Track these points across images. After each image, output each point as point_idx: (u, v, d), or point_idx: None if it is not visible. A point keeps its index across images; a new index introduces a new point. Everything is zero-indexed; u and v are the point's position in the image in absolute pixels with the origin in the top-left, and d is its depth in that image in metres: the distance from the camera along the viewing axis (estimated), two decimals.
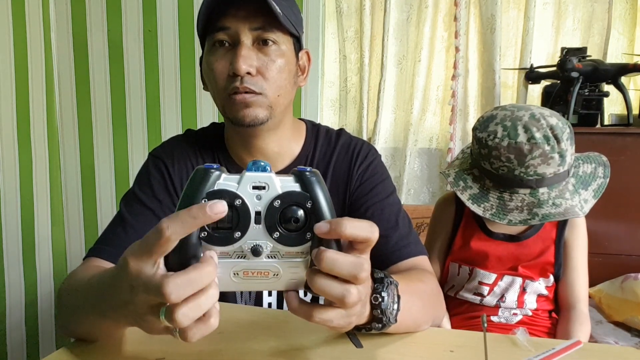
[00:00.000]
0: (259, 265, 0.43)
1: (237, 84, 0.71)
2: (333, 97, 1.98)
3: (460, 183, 1.03)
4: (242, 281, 0.43)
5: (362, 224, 0.42)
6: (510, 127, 0.95)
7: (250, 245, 0.42)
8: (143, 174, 0.82)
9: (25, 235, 1.86)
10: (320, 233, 0.41)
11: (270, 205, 0.41)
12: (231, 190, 0.41)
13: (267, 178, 0.42)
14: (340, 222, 0.41)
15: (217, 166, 0.42)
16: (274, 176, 0.42)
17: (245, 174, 0.42)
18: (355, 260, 0.42)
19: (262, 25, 0.71)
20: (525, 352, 0.58)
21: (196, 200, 0.40)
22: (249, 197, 0.41)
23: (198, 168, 0.42)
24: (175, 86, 1.95)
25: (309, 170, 0.43)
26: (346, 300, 0.42)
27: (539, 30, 1.76)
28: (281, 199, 0.42)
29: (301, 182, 0.42)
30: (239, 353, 0.57)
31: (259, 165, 0.42)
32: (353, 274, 0.41)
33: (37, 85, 1.90)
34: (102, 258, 0.71)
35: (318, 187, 0.42)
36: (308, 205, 0.42)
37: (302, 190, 0.42)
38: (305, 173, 0.42)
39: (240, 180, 0.41)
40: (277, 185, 0.42)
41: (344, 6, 1.90)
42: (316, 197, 0.42)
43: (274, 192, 0.42)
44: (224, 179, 0.41)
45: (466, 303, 1.07)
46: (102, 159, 2.05)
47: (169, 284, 0.38)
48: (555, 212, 0.93)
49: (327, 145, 0.85)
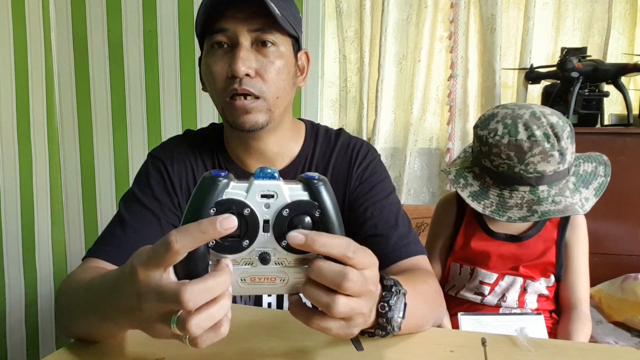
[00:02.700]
0: (266, 271, 0.43)
1: (235, 85, 0.71)
2: (333, 97, 1.98)
3: (461, 180, 1.03)
4: (249, 286, 0.43)
5: (338, 241, 0.41)
6: (510, 124, 0.95)
7: (259, 253, 0.42)
8: (142, 175, 0.82)
9: (25, 235, 1.86)
10: (293, 244, 0.40)
11: (279, 214, 0.41)
12: (240, 199, 0.41)
13: (276, 187, 0.41)
14: (315, 238, 0.40)
15: (225, 173, 0.41)
16: (283, 184, 0.42)
17: (253, 183, 0.41)
18: (339, 269, 0.41)
19: (260, 26, 0.71)
20: (525, 352, 0.58)
21: (204, 210, 0.40)
22: (258, 205, 0.41)
23: (205, 176, 0.41)
24: (175, 86, 1.95)
25: (317, 177, 0.42)
26: (332, 310, 0.42)
27: (539, 30, 1.76)
28: (290, 208, 0.41)
29: (309, 190, 0.42)
30: (239, 353, 0.57)
31: (266, 172, 0.42)
32: (336, 282, 0.41)
33: (37, 85, 1.90)
34: (102, 259, 0.71)
35: (326, 195, 0.42)
36: (316, 214, 0.42)
37: (310, 198, 0.42)
38: (313, 181, 0.42)
39: (248, 189, 0.41)
40: (286, 194, 0.41)
41: (343, 6, 1.90)
42: (324, 206, 0.42)
43: (282, 200, 0.41)
44: (232, 187, 0.41)
45: (467, 302, 1.07)
46: (102, 159, 2.05)
47: (186, 292, 0.38)
48: (555, 209, 0.93)
49: (327, 145, 0.85)
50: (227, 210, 0.40)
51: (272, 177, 0.42)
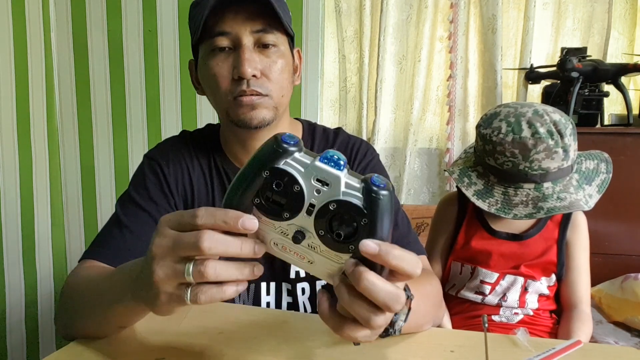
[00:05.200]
0: (297, 247, 0.42)
1: (243, 87, 0.71)
2: (333, 97, 1.98)
3: (465, 179, 1.03)
4: (279, 252, 0.43)
5: (410, 257, 0.40)
6: (514, 122, 0.95)
7: (294, 229, 0.41)
8: (138, 176, 0.81)
9: (25, 235, 1.86)
10: (366, 253, 0.39)
11: (326, 205, 0.39)
12: (294, 175, 0.39)
13: (334, 177, 0.39)
14: (389, 250, 0.39)
15: (295, 141, 0.40)
16: (343, 176, 0.39)
17: (315, 163, 0.40)
18: (393, 290, 0.39)
19: (263, 27, 0.71)
20: (525, 352, 0.58)
21: (259, 170, 0.40)
22: (309, 187, 0.40)
23: (276, 135, 0.40)
24: (175, 86, 1.95)
25: (381, 186, 0.39)
26: (371, 324, 0.40)
27: (539, 30, 1.76)
28: (338, 205, 0.39)
29: (366, 197, 0.39)
30: (239, 353, 0.57)
31: (332, 158, 0.40)
32: (388, 304, 0.39)
33: (37, 85, 1.90)
34: (99, 260, 0.71)
35: (381, 208, 0.39)
36: (362, 223, 0.39)
37: (364, 205, 0.39)
38: (373, 188, 0.39)
39: (307, 167, 0.40)
40: (341, 189, 0.39)
41: (343, 6, 1.89)
42: (375, 219, 0.39)
43: (334, 193, 0.39)
44: (293, 158, 0.40)
45: (467, 302, 1.07)
46: (102, 159, 2.05)
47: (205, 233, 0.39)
48: (561, 206, 0.94)
49: (325, 143, 0.85)
50: (278, 180, 0.40)
51: (336, 163, 0.39)
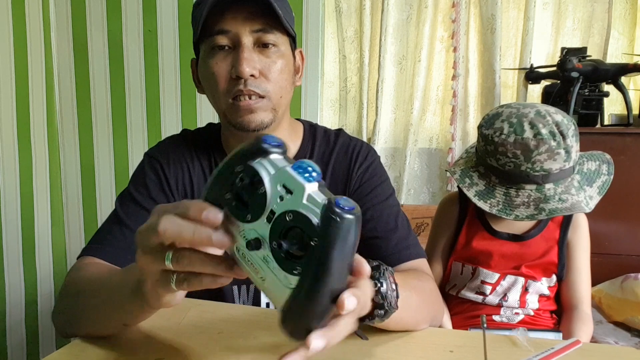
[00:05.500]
0: (253, 257, 0.39)
1: (240, 86, 0.71)
2: (333, 97, 1.98)
3: (467, 180, 1.03)
4: (240, 259, 0.40)
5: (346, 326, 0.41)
6: (516, 123, 0.95)
7: (253, 236, 0.38)
8: (138, 174, 0.81)
9: (25, 235, 1.86)
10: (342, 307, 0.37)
11: (283, 215, 0.37)
12: (262, 176, 0.37)
13: (299, 187, 0.36)
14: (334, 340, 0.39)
15: (277, 144, 0.38)
16: (308, 188, 0.36)
17: (285, 169, 0.37)
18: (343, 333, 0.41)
19: (262, 26, 0.71)
20: (525, 352, 0.58)
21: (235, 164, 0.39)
22: (274, 192, 0.37)
23: (258, 135, 0.39)
24: (175, 86, 1.95)
25: (347, 209, 0.35)
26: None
27: (539, 30, 1.76)
28: (294, 216, 0.36)
29: (323, 216, 0.35)
30: (239, 353, 0.57)
31: (304, 167, 0.37)
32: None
33: (37, 85, 1.90)
34: (98, 257, 0.71)
35: (339, 234, 0.35)
36: (312, 244, 0.35)
37: (318, 224, 0.35)
38: (332, 210, 0.35)
39: (278, 170, 0.37)
40: (302, 200, 0.36)
41: (343, 6, 1.89)
42: (327, 244, 0.35)
43: (294, 203, 0.36)
44: (269, 159, 0.38)
45: (468, 302, 1.07)
46: (102, 159, 2.05)
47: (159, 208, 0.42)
48: (562, 207, 0.93)
49: (326, 145, 0.84)
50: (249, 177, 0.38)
51: (308, 174, 0.37)
